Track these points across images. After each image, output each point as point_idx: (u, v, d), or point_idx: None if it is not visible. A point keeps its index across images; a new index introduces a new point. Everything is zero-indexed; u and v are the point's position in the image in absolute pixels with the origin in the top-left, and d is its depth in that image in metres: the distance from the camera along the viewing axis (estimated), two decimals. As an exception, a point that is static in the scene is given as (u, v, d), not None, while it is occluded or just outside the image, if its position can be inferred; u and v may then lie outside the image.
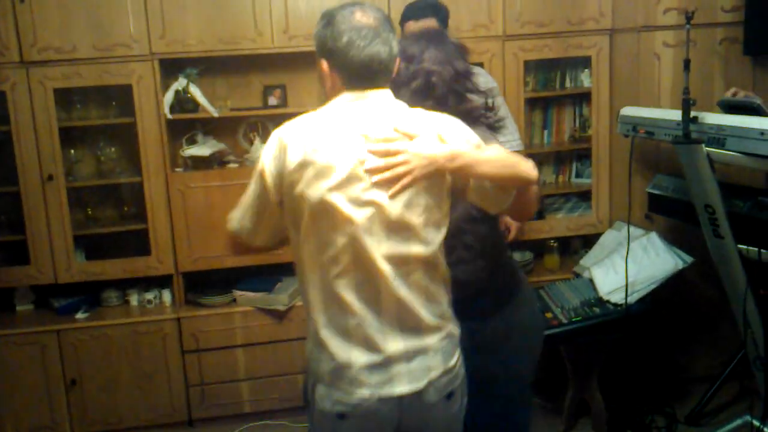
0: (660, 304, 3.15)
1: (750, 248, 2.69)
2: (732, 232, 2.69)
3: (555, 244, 3.71)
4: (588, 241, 3.76)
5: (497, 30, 3.50)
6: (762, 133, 2.43)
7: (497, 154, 1.74)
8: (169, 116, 3.38)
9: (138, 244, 3.51)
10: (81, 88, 3.41)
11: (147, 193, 3.41)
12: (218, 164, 3.55)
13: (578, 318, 2.96)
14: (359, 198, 1.64)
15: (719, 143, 2.59)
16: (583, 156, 3.84)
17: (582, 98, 3.81)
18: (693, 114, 2.63)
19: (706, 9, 3.30)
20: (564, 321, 2.95)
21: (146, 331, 3.43)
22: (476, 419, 2.07)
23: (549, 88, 3.82)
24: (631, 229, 3.14)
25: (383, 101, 1.73)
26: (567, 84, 3.81)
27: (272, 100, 3.62)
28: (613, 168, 3.66)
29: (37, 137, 3.29)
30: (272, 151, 1.68)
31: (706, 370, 3.50)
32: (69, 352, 3.38)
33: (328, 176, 1.62)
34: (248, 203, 1.76)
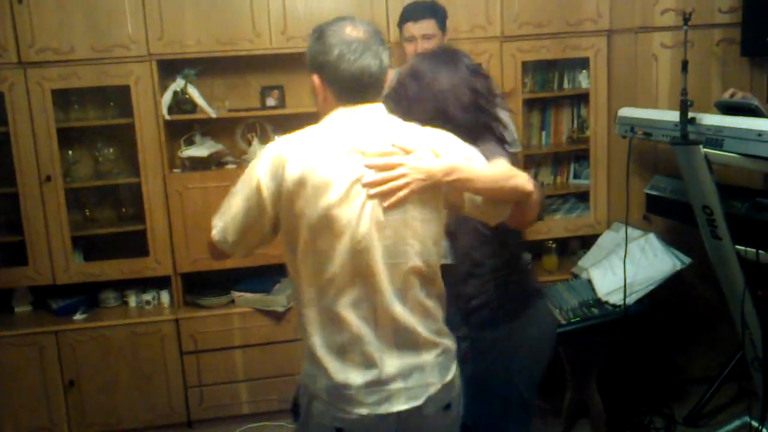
0: (658, 305, 3.15)
1: (748, 249, 2.69)
2: (730, 233, 2.69)
3: (553, 245, 3.71)
4: (586, 242, 3.76)
5: (495, 31, 3.50)
6: (760, 134, 2.43)
7: (492, 169, 1.76)
8: (167, 117, 3.38)
9: (136, 245, 3.51)
10: (79, 89, 3.41)
11: (145, 194, 3.40)
12: (216, 165, 3.55)
13: (576, 319, 2.96)
14: (358, 214, 1.63)
15: (717, 144, 2.59)
16: (581, 157, 3.85)
17: (580, 99, 3.82)
18: (691, 115, 2.62)
19: (704, 10, 3.30)
20: (562, 322, 2.94)
21: (144, 332, 3.43)
22: (475, 420, 2.14)
23: (547, 89, 3.82)
24: (629, 230, 3.14)
25: (377, 116, 1.73)
26: (565, 85, 3.81)
27: (270, 101, 3.62)
28: (611, 169, 3.66)
29: (35, 138, 3.29)
30: (267, 167, 1.65)
31: (705, 371, 3.50)
32: (67, 353, 3.38)
33: (327, 193, 1.61)
34: (235, 218, 1.74)
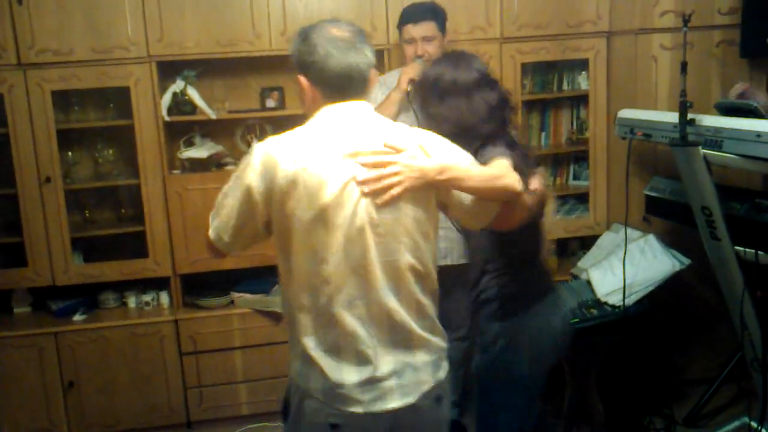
0: (657, 306, 3.15)
1: (747, 250, 2.69)
2: (729, 234, 2.70)
3: (553, 246, 3.71)
4: (585, 243, 3.76)
5: (495, 32, 3.50)
6: (759, 135, 2.43)
7: (483, 169, 1.81)
8: (167, 118, 3.38)
9: (135, 246, 3.51)
10: (79, 91, 3.41)
11: (144, 195, 3.40)
12: (216, 166, 3.55)
13: (576, 320, 2.96)
14: (351, 213, 1.64)
15: (716, 145, 2.59)
16: (581, 158, 3.85)
17: (579, 100, 3.82)
18: (690, 116, 2.63)
19: (703, 11, 3.30)
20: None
21: (144, 333, 3.43)
22: (478, 407, 2.35)
23: (546, 91, 3.83)
24: (629, 231, 3.14)
25: (365, 114, 1.74)
26: (564, 86, 3.82)
27: (270, 103, 3.62)
28: (611, 170, 3.66)
29: (35, 139, 3.29)
30: (258, 168, 1.66)
31: (704, 372, 3.50)
32: (66, 355, 3.38)
33: (320, 192, 1.62)
34: (228, 218, 1.76)
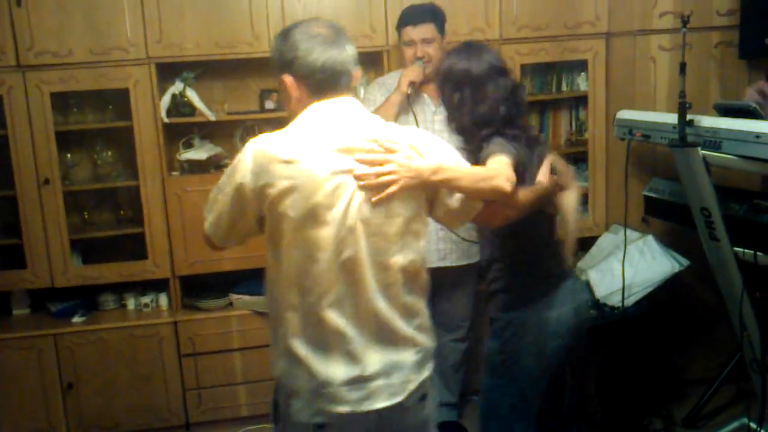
0: (657, 307, 3.16)
1: (746, 251, 2.69)
2: (728, 235, 2.70)
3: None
4: (585, 244, 3.76)
5: (494, 34, 3.50)
6: (758, 136, 2.43)
7: (474, 168, 1.84)
8: (166, 120, 3.38)
9: (134, 248, 3.50)
10: (78, 92, 3.40)
11: (143, 197, 3.40)
12: (215, 168, 3.55)
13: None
14: (343, 211, 1.64)
15: (715, 146, 2.59)
16: (580, 159, 3.85)
17: (578, 102, 3.82)
18: (689, 117, 2.63)
19: (702, 13, 3.31)
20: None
21: (143, 335, 3.42)
22: (482, 390, 2.46)
23: (545, 92, 3.83)
24: (628, 232, 3.14)
25: (353, 110, 1.75)
26: (563, 87, 3.82)
27: (269, 104, 3.62)
28: (610, 171, 3.66)
29: (34, 141, 3.29)
30: (250, 165, 1.66)
31: (703, 373, 3.50)
32: (66, 356, 3.38)
33: (313, 190, 1.62)
34: (221, 214, 1.76)
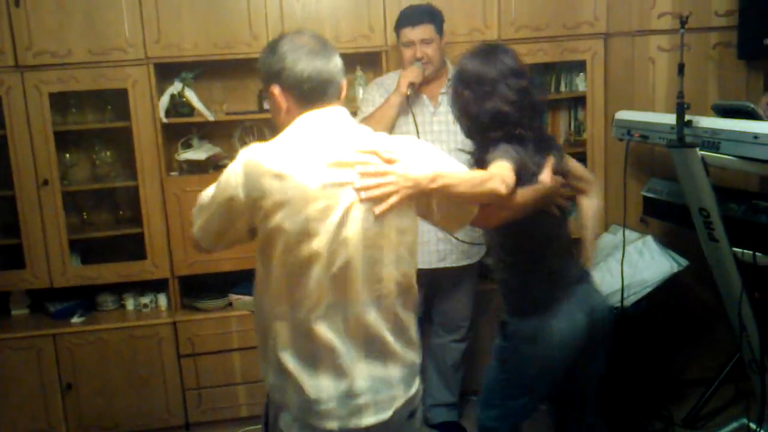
0: (655, 308, 3.16)
1: (745, 251, 2.69)
2: (727, 236, 2.70)
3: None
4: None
5: (492, 34, 3.50)
6: (756, 137, 2.44)
7: (470, 173, 1.85)
8: (165, 120, 3.38)
9: (133, 248, 3.50)
10: (76, 92, 3.40)
11: (142, 197, 3.40)
12: (214, 168, 3.54)
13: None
14: (336, 223, 1.63)
15: (714, 147, 2.59)
16: (579, 160, 3.77)
17: (577, 102, 3.82)
18: (687, 118, 2.63)
19: (701, 13, 3.31)
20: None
21: (142, 335, 3.42)
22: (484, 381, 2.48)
23: (544, 92, 3.83)
24: (627, 233, 3.14)
25: (343, 119, 1.75)
26: (562, 88, 3.82)
27: (267, 104, 3.61)
28: (608, 172, 3.66)
29: (32, 141, 3.29)
30: (242, 176, 1.64)
31: (702, 373, 3.50)
32: (65, 357, 3.38)
33: (305, 202, 1.61)
34: (210, 221, 1.75)
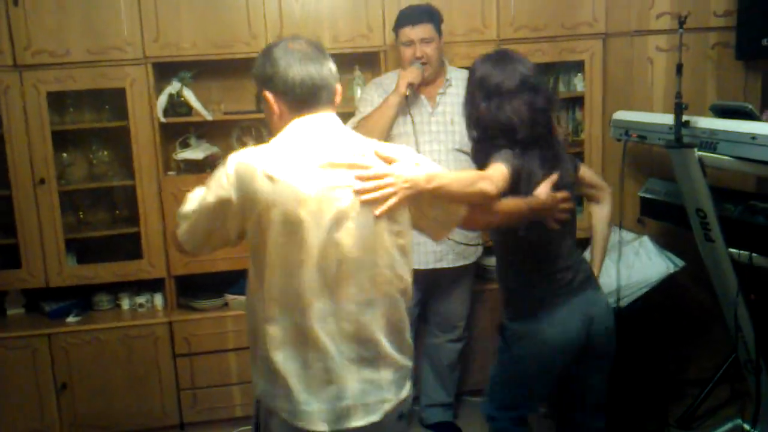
0: (652, 308, 3.16)
1: (741, 252, 2.70)
2: (723, 236, 2.70)
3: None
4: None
5: (491, 34, 3.50)
6: (753, 138, 2.44)
7: (461, 173, 1.91)
8: (163, 120, 3.38)
9: (130, 248, 3.50)
10: (74, 92, 3.40)
11: (139, 197, 3.40)
12: (211, 168, 3.50)
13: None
14: (329, 226, 1.64)
15: (711, 147, 2.60)
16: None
17: (575, 102, 3.82)
18: (685, 118, 2.63)
19: (699, 14, 3.32)
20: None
21: (138, 335, 3.42)
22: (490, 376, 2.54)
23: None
24: (624, 233, 3.15)
25: (334, 124, 1.75)
26: (560, 88, 3.82)
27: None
28: (606, 172, 3.66)
29: (30, 140, 3.28)
30: (234, 178, 1.64)
31: (698, 373, 3.50)
32: (60, 356, 3.37)
33: (297, 205, 1.61)
34: (198, 223, 1.75)
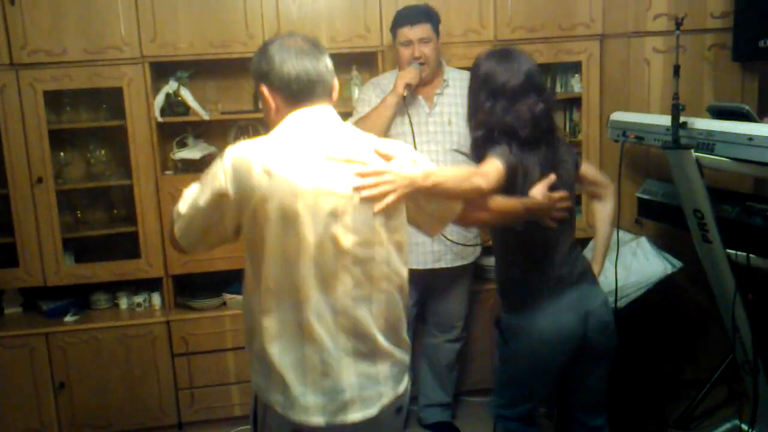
0: (649, 309, 3.16)
1: (738, 253, 2.69)
2: (720, 237, 2.70)
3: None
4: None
5: (488, 35, 3.50)
6: (750, 139, 2.44)
7: (455, 169, 1.92)
8: (160, 119, 3.37)
9: (127, 247, 3.50)
10: (71, 91, 3.39)
11: (137, 196, 3.39)
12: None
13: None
14: (326, 221, 1.64)
15: (708, 148, 2.60)
16: (574, 160, 3.85)
17: (572, 103, 3.82)
18: (682, 119, 2.63)
19: (696, 15, 3.32)
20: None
21: (136, 335, 3.42)
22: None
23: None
24: (621, 234, 3.15)
25: (331, 118, 1.76)
26: (557, 89, 3.81)
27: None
28: (604, 173, 3.66)
29: (27, 139, 3.28)
30: (230, 172, 1.65)
31: (696, 374, 3.51)
32: (58, 355, 3.37)
33: (295, 199, 1.61)
34: (194, 219, 1.75)
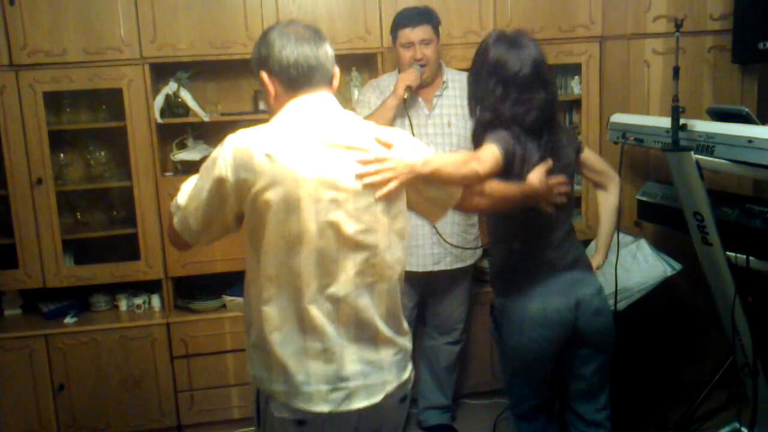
0: (649, 311, 3.16)
1: (738, 255, 2.69)
2: (720, 240, 2.70)
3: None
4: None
5: (488, 36, 3.50)
6: (750, 141, 2.44)
7: (453, 155, 1.92)
8: (160, 120, 3.37)
9: (127, 249, 3.49)
10: (71, 92, 3.39)
11: (137, 198, 3.39)
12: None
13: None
14: (326, 208, 1.64)
15: (708, 151, 2.60)
16: (574, 162, 3.85)
17: (572, 105, 3.83)
18: (682, 121, 2.63)
19: (696, 17, 3.33)
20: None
21: (135, 336, 3.41)
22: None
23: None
24: (621, 236, 3.14)
25: (330, 104, 1.76)
26: (557, 91, 3.81)
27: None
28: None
29: (26, 140, 3.27)
30: (231, 159, 1.65)
31: (695, 377, 3.51)
32: (57, 357, 3.36)
33: (295, 186, 1.62)
34: (196, 209, 1.74)
